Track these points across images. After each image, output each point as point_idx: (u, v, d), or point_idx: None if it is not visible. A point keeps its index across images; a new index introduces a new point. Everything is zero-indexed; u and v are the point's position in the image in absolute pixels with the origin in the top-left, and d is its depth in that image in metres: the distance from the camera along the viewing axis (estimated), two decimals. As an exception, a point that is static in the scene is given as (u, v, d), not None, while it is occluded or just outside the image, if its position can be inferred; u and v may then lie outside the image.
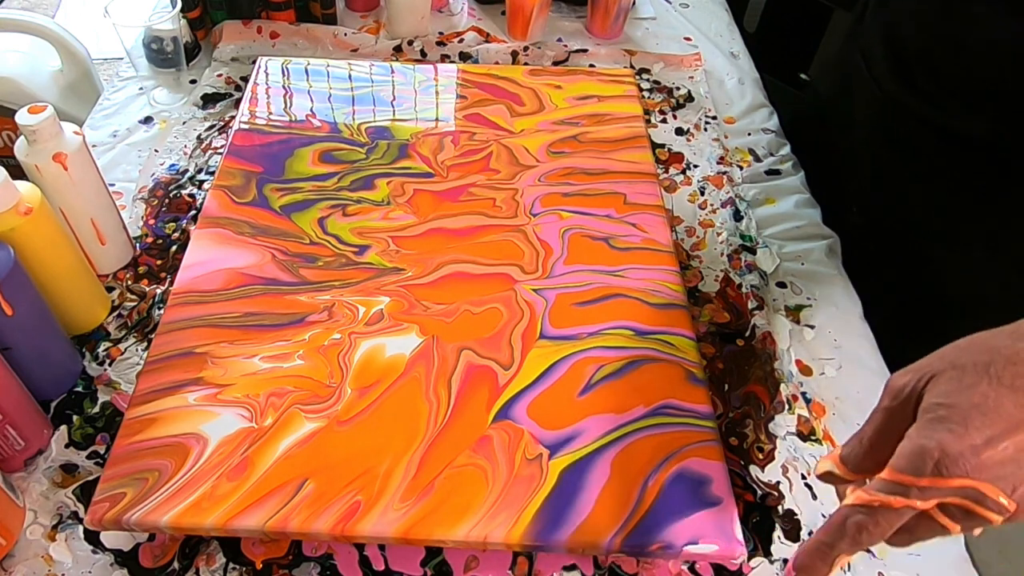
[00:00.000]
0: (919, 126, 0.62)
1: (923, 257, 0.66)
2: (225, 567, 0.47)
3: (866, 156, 0.69)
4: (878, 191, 0.68)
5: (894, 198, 0.67)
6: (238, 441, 0.48)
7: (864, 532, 0.33)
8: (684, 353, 0.54)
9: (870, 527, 0.32)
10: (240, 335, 0.53)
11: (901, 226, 0.67)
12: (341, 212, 0.62)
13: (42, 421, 0.51)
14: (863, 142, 0.69)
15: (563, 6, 0.95)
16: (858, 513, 0.33)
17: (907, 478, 0.32)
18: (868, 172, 0.69)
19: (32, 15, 1.18)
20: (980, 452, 0.31)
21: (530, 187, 0.66)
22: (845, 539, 0.33)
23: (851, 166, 0.71)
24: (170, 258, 0.64)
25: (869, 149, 0.69)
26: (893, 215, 0.67)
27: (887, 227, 0.68)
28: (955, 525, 0.32)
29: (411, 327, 0.54)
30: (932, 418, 0.32)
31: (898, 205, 0.66)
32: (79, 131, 0.55)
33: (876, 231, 0.69)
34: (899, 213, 0.67)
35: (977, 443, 0.31)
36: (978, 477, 0.31)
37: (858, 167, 0.70)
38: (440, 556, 0.48)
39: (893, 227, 0.68)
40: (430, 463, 0.47)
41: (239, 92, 0.80)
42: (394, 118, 0.72)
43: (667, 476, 0.47)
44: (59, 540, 0.48)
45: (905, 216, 0.66)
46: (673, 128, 0.79)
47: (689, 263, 0.66)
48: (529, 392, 0.51)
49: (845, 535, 0.33)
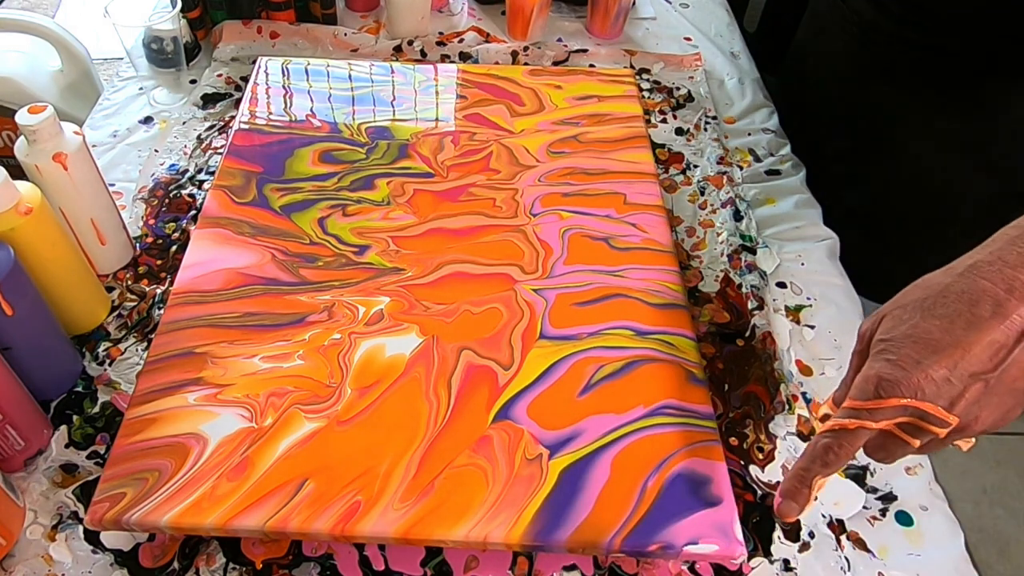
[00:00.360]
0: (897, 45, 0.67)
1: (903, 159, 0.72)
2: (225, 567, 0.47)
3: (849, 85, 0.74)
4: (864, 114, 0.73)
5: (880, 117, 0.72)
6: (238, 441, 0.48)
7: (831, 452, 0.38)
8: (684, 353, 0.54)
9: (834, 447, 0.38)
10: (240, 335, 0.53)
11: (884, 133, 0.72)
12: (341, 212, 0.62)
13: (42, 421, 0.51)
14: (846, 72, 0.74)
15: (563, 6, 0.95)
16: (824, 438, 0.38)
17: (857, 403, 0.37)
18: (851, 100, 0.74)
19: (32, 15, 1.18)
20: (912, 375, 0.36)
21: (530, 187, 0.66)
22: (817, 461, 0.38)
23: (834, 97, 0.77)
24: (170, 258, 0.64)
25: (852, 77, 0.74)
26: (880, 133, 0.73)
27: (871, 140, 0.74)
28: (913, 440, 0.37)
29: (411, 327, 0.54)
30: (875, 352, 0.38)
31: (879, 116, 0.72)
32: (79, 131, 0.55)
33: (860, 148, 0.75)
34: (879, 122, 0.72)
35: (908, 368, 0.36)
36: (915, 397, 0.36)
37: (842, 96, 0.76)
38: (440, 556, 0.48)
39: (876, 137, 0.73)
40: (430, 463, 0.47)
41: (239, 92, 0.80)
42: (394, 118, 0.72)
43: (667, 476, 0.47)
44: (59, 540, 0.48)
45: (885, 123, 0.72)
46: (673, 128, 0.79)
47: (689, 263, 0.66)
48: (529, 392, 0.51)
49: (816, 458, 0.38)
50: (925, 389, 0.36)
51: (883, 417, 0.37)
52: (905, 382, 0.36)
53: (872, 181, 0.76)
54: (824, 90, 0.79)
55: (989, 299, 0.36)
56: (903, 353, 0.37)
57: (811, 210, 0.72)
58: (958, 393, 0.36)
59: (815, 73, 0.80)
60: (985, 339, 0.35)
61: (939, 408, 0.35)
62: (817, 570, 0.49)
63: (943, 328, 0.36)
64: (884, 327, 0.39)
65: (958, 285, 0.37)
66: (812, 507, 0.40)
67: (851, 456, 0.38)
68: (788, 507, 0.40)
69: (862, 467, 0.54)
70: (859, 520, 0.51)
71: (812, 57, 0.81)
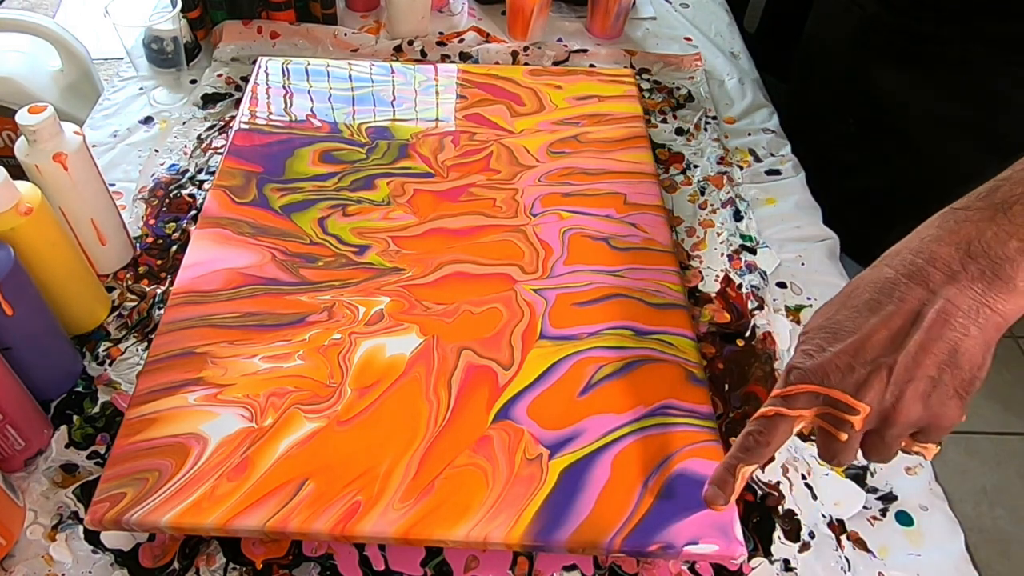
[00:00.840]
0: (902, 36, 0.68)
1: (907, 147, 0.73)
2: (225, 567, 0.47)
3: (854, 73, 0.75)
4: (869, 101, 0.74)
5: (885, 104, 0.72)
6: (238, 441, 0.48)
7: (752, 440, 0.39)
8: (684, 353, 0.54)
9: (755, 435, 0.39)
10: (240, 335, 0.53)
11: (886, 122, 0.73)
12: (341, 212, 0.62)
13: (42, 421, 0.51)
14: (850, 60, 0.75)
15: (563, 6, 0.95)
16: (750, 426, 0.40)
17: (776, 391, 0.39)
18: (857, 89, 0.75)
19: (32, 15, 1.18)
20: (819, 362, 0.37)
21: (530, 187, 0.66)
22: (740, 449, 0.40)
23: (840, 86, 0.78)
24: (170, 258, 0.64)
25: (856, 66, 0.74)
26: (886, 120, 0.73)
27: (875, 128, 0.75)
28: (839, 433, 0.37)
29: (411, 327, 0.54)
30: (797, 344, 0.40)
31: (889, 110, 0.72)
32: (79, 131, 0.55)
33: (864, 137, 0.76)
34: (883, 110, 0.73)
35: (816, 355, 0.37)
36: (821, 384, 0.37)
37: (847, 85, 0.77)
38: (440, 556, 0.48)
39: (879, 126, 0.74)
40: (430, 463, 0.47)
41: (239, 92, 0.80)
42: (394, 118, 0.72)
43: (667, 476, 0.47)
44: (59, 540, 0.48)
45: (897, 118, 0.72)
46: (673, 128, 0.79)
47: (689, 263, 0.66)
48: (529, 392, 0.51)
49: (741, 447, 0.40)
50: (831, 376, 0.37)
51: (798, 405, 0.38)
52: (812, 369, 0.37)
53: (875, 171, 0.76)
54: (829, 79, 0.80)
55: (889, 285, 0.37)
56: (814, 343, 0.38)
57: (811, 210, 0.72)
58: (862, 379, 0.36)
59: (821, 62, 0.81)
60: (883, 324, 0.36)
61: (846, 395, 0.36)
62: (817, 570, 0.49)
63: (850, 317, 0.37)
64: (809, 322, 0.40)
65: (869, 275, 0.39)
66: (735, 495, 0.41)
67: (774, 445, 0.39)
68: (714, 494, 0.42)
69: (862, 467, 0.54)
70: (859, 520, 0.51)
71: (818, 46, 0.82)
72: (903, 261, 0.37)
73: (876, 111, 0.74)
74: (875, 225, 0.71)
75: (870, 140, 0.76)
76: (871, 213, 0.73)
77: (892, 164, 0.75)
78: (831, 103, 0.80)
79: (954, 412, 0.36)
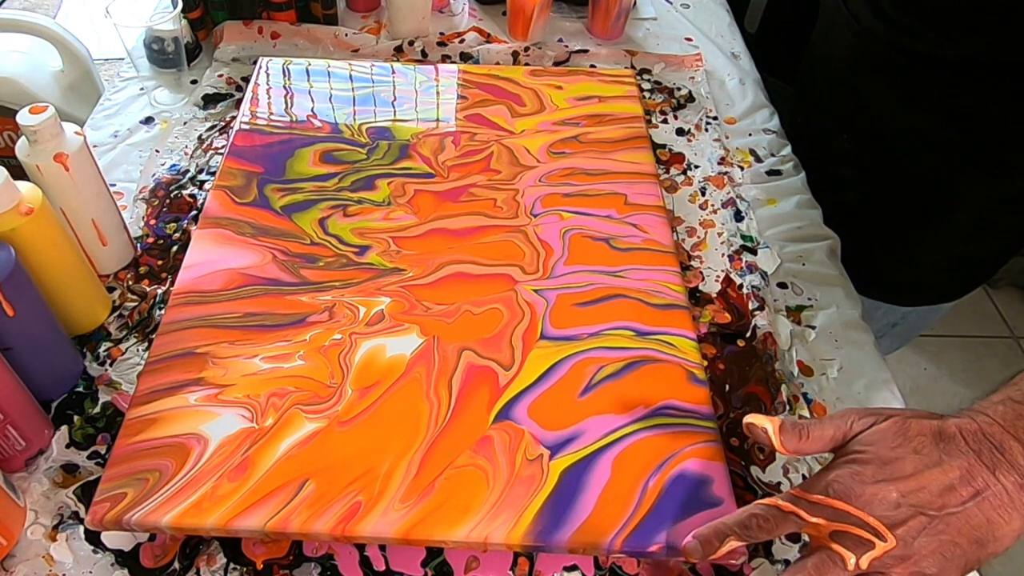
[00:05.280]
0: (894, 53, 0.67)
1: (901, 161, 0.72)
2: (226, 567, 0.47)
3: (850, 87, 0.74)
4: (863, 117, 0.74)
5: (877, 120, 0.72)
6: (239, 441, 0.48)
7: (756, 522, 0.40)
8: (685, 354, 0.54)
9: (760, 520, 0.40)
10: (241, 335, 0.53)
11: (882, 135, 0.73)
12: (342, 212, 0.62)
13: (43, 421, 0.51)
14: (846, 74, 0.75)
15: (564, 6, 0.95)
16: (759, 508, 0.40)
17: (803, 494, 0.39)
18: (852, 103, 0.75)
19: (33, 15, 1.18)
20: (867, 488, 0.37)
21: (531, 187, 0.66)
22: (739, 525, 0.41)
23: (837, 99, 0.78)
24: (171, 258, 0.64)
25: (852, 80, 0.74)
26: (878, 136, 0.73)
27: (871, 141, 0.74)
28: (848, 554, 0.37)
29: (412, 327, 0.54)
30: (847, 455, 0.40)
31: (882, 126, 0.72)
32: (80, 131, 0.55)
33: (863, 154, 0.76)
34: (877, 123, 0.72)
35: (867, 481, 0.38)
36: (862, 508, 0.37)
37: (844, 98, 0.76)
38: (441, 557, 0.48)
39: (878, 146, 0.74)
40: (431, 463, 0.47)
41: (240, 92, 0.80)
42: (395, 118, 0.72)
43: (668, 477, 0.47)
44: (60, 540, 0.48)
45: (888, 134, 0.72)
46: (674, 128, 0.79)
47: (690, 263, 0.66)
48: (530, 393, 0.51)
49: (741, 522, 0.41)
50: (873, 505, 0.37)
51: (819, 514, 0.38)
52: (858, 491, 0.38)
53: (871, 182, 0.76)
54: (829, 90, 0.79)
55: (964, 461, 0.38)
56: (869, 469, 0.38)
57: (812, 211, 0.72)
58: (902, 518, 0.37)
59: (823, 72, 0.81)
60: (944, 486, 0.37)
61: (880, 523, 0.37)
62: (818, 571, 0.49)
63: (914, 464, 0.38)
64: (866, 439, 0.40)
65: (947, 438, 0.39)
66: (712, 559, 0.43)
67: (774, 536, 0.41)
68: (694, 548, 0.43)
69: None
70: (860, 521, 0.51)
71: (820, 57, 0.81)
72: (977, 440, 0.38)
73: (869, 128, 0.73)
74: (862, 240, 0.72)
75: (863, 156, 0.75)
76: (861, 228, 0.73)
77: (882, 182, 0.74)
78: (831, 113, 0.79)
79: None
